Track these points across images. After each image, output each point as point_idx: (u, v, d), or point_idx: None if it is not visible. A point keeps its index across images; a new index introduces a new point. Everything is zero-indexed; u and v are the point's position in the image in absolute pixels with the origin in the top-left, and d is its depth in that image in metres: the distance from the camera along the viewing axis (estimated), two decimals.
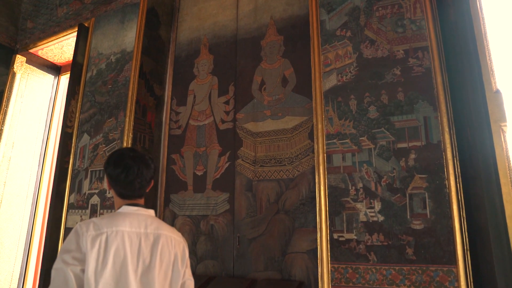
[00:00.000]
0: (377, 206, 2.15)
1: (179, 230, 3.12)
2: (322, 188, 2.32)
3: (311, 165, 2.69)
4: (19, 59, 4.45)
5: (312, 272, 2.48)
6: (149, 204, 3.25)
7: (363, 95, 2.35)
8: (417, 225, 2.03)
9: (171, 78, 3.62)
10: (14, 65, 4.39)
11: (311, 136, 2.75)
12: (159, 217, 3.26)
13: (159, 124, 3.47)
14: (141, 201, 1.60)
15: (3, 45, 4.59)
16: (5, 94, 4.30)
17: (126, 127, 3.15)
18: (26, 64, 4.49)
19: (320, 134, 2.41)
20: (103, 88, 3.54)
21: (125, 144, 3.11)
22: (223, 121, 3.21)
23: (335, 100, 2.44)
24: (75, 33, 3.90)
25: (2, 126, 4.18)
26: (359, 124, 2.33)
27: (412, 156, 2.13)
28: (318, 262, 2.24)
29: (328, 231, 2.24)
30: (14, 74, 4.38)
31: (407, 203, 2.07)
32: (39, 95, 4.60)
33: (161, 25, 3.67)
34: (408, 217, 2.06)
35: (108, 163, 1.56)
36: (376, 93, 2.32)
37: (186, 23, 3.76)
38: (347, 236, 2.19)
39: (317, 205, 2.33)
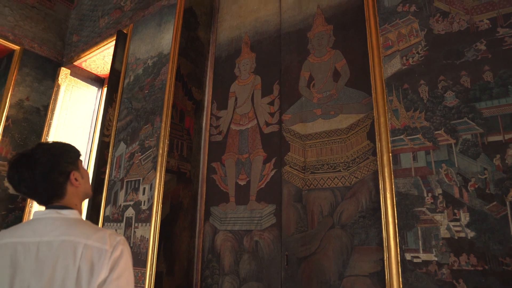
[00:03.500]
0: (464, 218, 1.66)
1: (220, 247, 2.77)
2: (388, 196, 1.87)
3: (372, 170, 2.24)
4: (64, 72, 4.46)
5: None
6: (188, 218, 2.95)
7: (437, 79, 1.89)
8: None
9: (211, 81, 3.34)
10: (59, 78, 4.40)
11: (370, 136, 2.31)
12: (198, 233, 2.94)
13: (198, 130, 3.19)
14: (63, 201, 1.24)
15: (51, 59, 4.64)
16: (50, 106, 4.31)
17: (162, 133, 2.90)
18: (70, 77, 4.48)
19: (383, 129, 1.97)
20: (139, 93, 3.35)
21: (161, 152, 2.85)
22: (267, 124, 2.86)
23: (400, 88, 2.00)
24: (115, 41, 3.79)
25: (47, 136, 4.16)
26: (433, 115, 1.86)
27: (511, 152, 1.62)
28: None
29: (399, 250, 1.78)
30: (58, 86, 4.38)
31: (509, 214, 1.56)
32: (83, 107, 4.56)
33: (200, 25, 3.44)
34: None
35: None
36: (454, 75, 1.85)
37: (226, 22, 3.50)
38: (424, 256, 1.71)
39: (383, 217, 1.87)
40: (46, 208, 1.22)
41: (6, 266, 1.07)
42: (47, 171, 1.20)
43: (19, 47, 4.38)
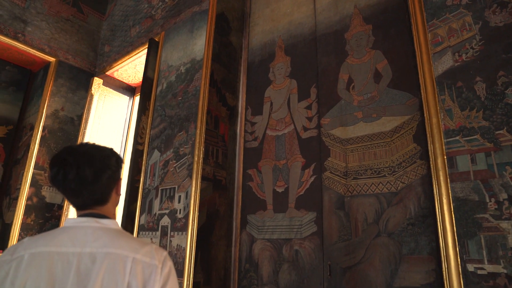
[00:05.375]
0: None
1: (258, 256, 2.69)
2: (444, 201, 1.73)
3: (420, 174, 2.11)
4: (96, 81, 4.52)
5: None
6: (225, 226, 2.88)
7: (496, 75, 1.76)
8: None
9: (244, 87, 3.29)
10: (92, 88, 4.47)
11: (417, 138, 2.18)
12: (235, 242, 2.86)
13: (233, 136, 3.13)
14: (104, 209, 1.14)
15: (84, 70, 4.72)
16: (84, 116, 4.37)
17: (197, 140, 2.85)
18: (103, 86, 4.54)
19: (435, 131, 1.85)
20: (173, 100, 3.32)
21: (196, 159, 2.80)
22: (305, 129, 2.77)
23: (453, 86, 1.87)
24: (146, 50, 3.80)
25: None
26: (492, 114, 1.73)
27: None
28: None
29: (459, 260, 1.64)
30: (92, 96, 4.44)
31: None
32: (115, 116, 4.61)
33: (232, 31, 3.40)
34: None
35: (50, 162, 1.11)
36: None
37: (258, 27, 3.44)
38: (491, 268, 1.57)
39: (439, 224, 1.74)
40: (82, 216, 1.12)
41: (42, 279, 0.95)
42: (100, 170, 1.11)
43: (54, 59, 4.47)
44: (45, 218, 4.09)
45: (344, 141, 2.51)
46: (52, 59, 4.46)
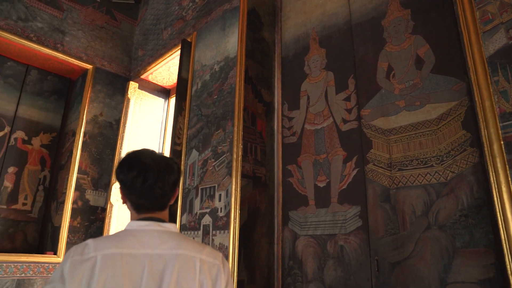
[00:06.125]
0: None
1: (302, 253, 2.64)
2: (504, 189, 1.62)
3: (472, 162, 2.00)
4: (132, 85, 4.61)
5: None
6: (266, 223, 2.85)
7: None
8: None
9: (279, 82, 3.24)
10: (128, 92, 4.56)
11: (466, 125, 2.06)
12: (277, 239, 2.83)
13: (270, 132, 3.09)
14: (162, 214, 1.24)
15: (120, 75, 4.84)
16: (122, 120, 4.48)
17: (235, 138, 2.83)
18: (139, 90, 4.63)
19: (489, 115, 1.73)
20: (208, 99, 3.33)
21: (235, 156, 2.79)
22: (345, 121, 2.69)
23: (507, 66, 1.75)
24: (179, 51, 3.84)
25: (120, 149, 4.31)
26: None
27: None
28: None
29: None
30: (128, 100, 4.54)
31: None
32: (151, 118, 4.70)
33: (264, 26, 3.36)
34: None
35: (121, 166, 1.20)
36: None
37: (290, 20, 3.39)
38: None
39: (499, 215, 1.63)
40: (143, 219, 1.19)
41: (119, 279, 1.02)
42: (177, 182, 1.25)
43: (91, 66, 4.60)
44: (90, 221, 4.22)
45: (386, 132, 2.41)
46: (89, 66, 4.59)
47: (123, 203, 1.27)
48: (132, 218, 1.23)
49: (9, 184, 4.21)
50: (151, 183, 1.16)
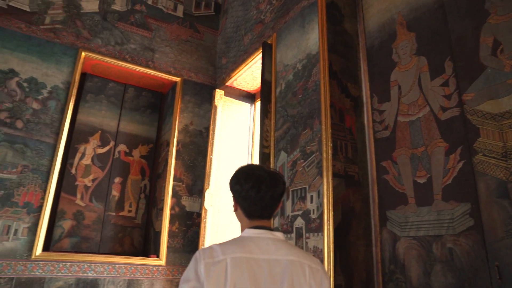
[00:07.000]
0: None
1: (403, 256, 2.43)
2: None
3: None
4: (218, 93, 4.77)
5: None
6: (362, 224, 2.69)
7: None
8: None
9: (366, 74, 3.05)
10: (215, 100, 4.73)
11: None
12: (375, 241, 2.65)
13: (360, 128, 2.92)
14: (268, 222, 1.42)
15: (206, 84, 5.06)
16: (210, 127, 4.64)
17: (324, 136, 2.72)
18: (225, 97, 4.78)
19: None
20: (293, 99, 3.26)
21: (324, 155, 2.68)
22: (444, 109, 2.42)
23: None
24: (261, 54, 3.85)
25: (211, 155, 4.46)
26: None
27: None
28: None
29: None
30: (215, 107, 4.70)
31: None
32: (239, 124, 4.82)
33: (345, 17, 3.20)
34: None
35: (237, 178, 1.41)
36: None
37: (372, 8, 3.18)
38: None
39: None
40: (256, 227, 1.36)
41: (247, 280, 1.18)
42: (282, 194, 1.44)
43: (180, 79, 4.86)
44: (187, 226, 4.42)
45: (497, 117, 2.10)
46: (177, 79, 4.85)
47: (234, 211, 1.46)
48: (243, 225, 1.41)
49: (116, 193, 4.61)
50: (264, 193, 1.35)
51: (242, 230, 1.41)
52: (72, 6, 4.40)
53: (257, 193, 1.34)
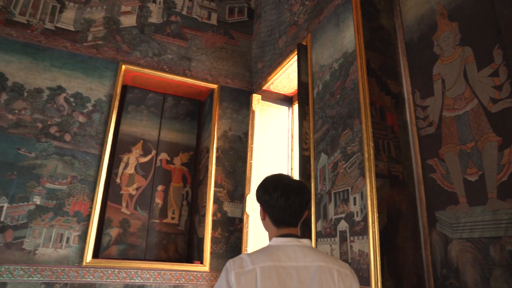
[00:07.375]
0: None
1: (457, 259, 2.29)
2: None
3: None
4: (256, 98, 4.77)
5: None
6: (409, 226, 2.57)
7: None
8: None
9: (406, 69, 2.93)
10: (252, 104, 4.74)
11: None
12: (424, 243, 2.52)
13: (403, 125, 2.80)
14: (296, 230, 1.46)
15: (243, 89, 5.09)
16: (249, 132, 4.65)
17: (364, 135, 2.64)
18: (262, 101, 4.77)
19: None
20: (331, 100, 3.19)
21: (366, 156, 2.59)
22: (494, 101, 2.26)
23: None
24: (296, 56, 3.80)
25: (251, 160, 4.46)
26: None
27: None
28: None
29: None
30: (253, 112, 4.70)
31: None
32: (277, 127, 4.79)
33: (380, 13, 3.10)
34: None
35: (264, 188, 1.45)
36: None
37: (409, 1, 3.04)
38: None
39: None
40: (284, 236, 1.40)
41: (276, 286, 1.21)
42: (308, 203, 1.49)
43: (217, 85, 4.91)
44: (229, 231, 4.44)
45: None
46: (214, 86, 4.91)
47: (262, 220, 1.49)
48: (271, 234, 1.44)
49: (159, 201, 4.73)
50: (292, 201, 1.40)
51: (270, 239, 1.44)
52: (111, 22, 4.59)
53: (286, 201, 1.39)
